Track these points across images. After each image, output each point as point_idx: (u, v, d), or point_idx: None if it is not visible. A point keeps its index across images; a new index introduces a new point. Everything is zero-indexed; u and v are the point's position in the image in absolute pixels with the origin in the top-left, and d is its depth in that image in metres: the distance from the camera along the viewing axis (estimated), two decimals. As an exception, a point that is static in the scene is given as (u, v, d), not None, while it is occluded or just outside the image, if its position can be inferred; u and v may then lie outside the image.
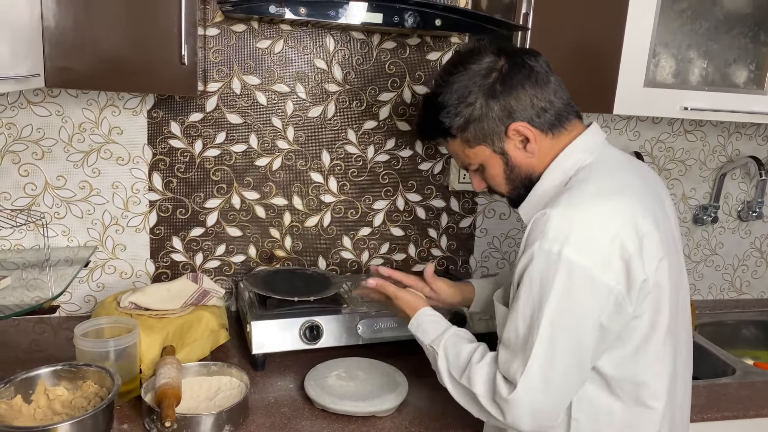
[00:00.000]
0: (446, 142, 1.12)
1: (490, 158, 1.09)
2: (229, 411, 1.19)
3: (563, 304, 0.93)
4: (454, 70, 1.06)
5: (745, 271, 2.10)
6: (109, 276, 1.65)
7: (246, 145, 1.65)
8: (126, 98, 1.55)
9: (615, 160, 1.07)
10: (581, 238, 0.93)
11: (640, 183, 1.04)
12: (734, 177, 2.00)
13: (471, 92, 1.04)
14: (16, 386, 1.16)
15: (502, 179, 1.11)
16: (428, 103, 1.11)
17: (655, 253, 0.95)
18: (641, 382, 1.00)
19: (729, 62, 1.63)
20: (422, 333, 1.15)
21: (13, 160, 1.53)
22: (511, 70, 1.04)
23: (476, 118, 1.05)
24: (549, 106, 1.05)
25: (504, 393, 0.98)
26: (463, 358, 1.07)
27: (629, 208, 0.96)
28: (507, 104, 1.03)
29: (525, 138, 1.05)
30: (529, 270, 0.96)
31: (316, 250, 1.77)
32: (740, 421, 1.41)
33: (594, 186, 0.99)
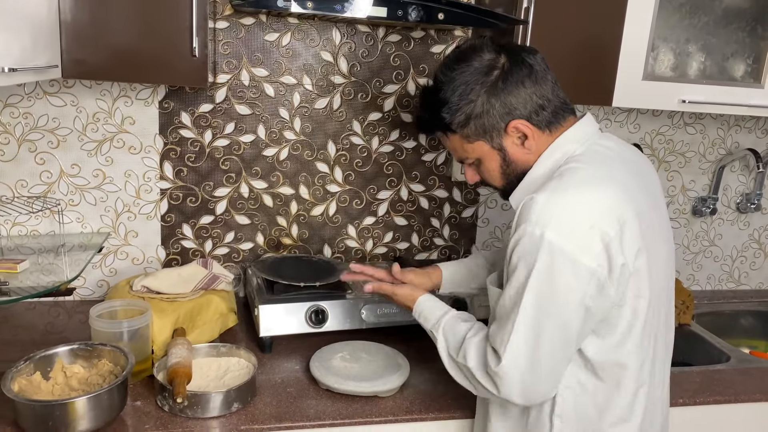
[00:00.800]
0: (445, 136, 1.15)
1: (488, 153, 1.12)
2: (237, 389, 1.25)
3: (544, 285, 0.98)
4: (456, 66, 1.08)
5: (743, 262, 2.13)
6: (122, 261, 1.70)
7: (254, 136, 1.69)
8: (138, 89, 1.60)
9: (606, 151, 1.09)
10: (563, 222, 0.97)
11: (629, 174, 1.08)
12: (733, 169, 2.03)
13: (473, 89, 1.06)
14: (35, 364, 1.22)
15: (497, 173, 1.14)
16: (429, 99, 1.13)
17: (634, 242, 0.99)
18: (623, 365, 1.05)
19: (727, 56, 1.66)
20: (424, 320, 1.21)
21: (29, 148, 1.58)
22: (512, 68, 1.06)
23: (477, 114, 1.07)
24: (547, 104, 1.08)
25: (493, 365, 1.03)
26: (459, 336, 1.12)
27: (612, 197, 1.00)
28: (507, 102, 1.06)
29: (523, 135, 1.08)
30: (516, 251, 1.01)
31: (322, 238, 1.82)
32: (731, 405, 1.45)
33: (581, 174, 1.03)
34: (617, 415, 1.07)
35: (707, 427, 1.46)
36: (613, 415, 1.07)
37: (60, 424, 1.11)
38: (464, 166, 1.19)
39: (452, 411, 1.30)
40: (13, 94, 1.54)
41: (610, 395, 1.06)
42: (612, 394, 1.06)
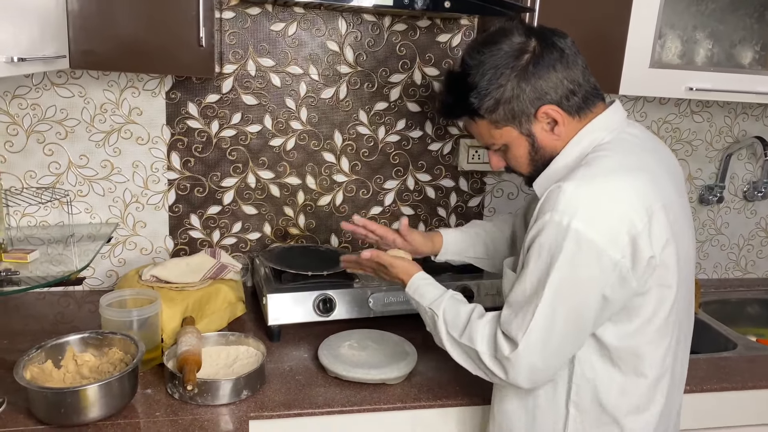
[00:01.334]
0: (472, 122, 1.11)
1: (516, 139, 1.09)
2: (246, 377, 1.26)
3: (568, 274, 0.97)
4: (485, 49, 1.05)
5: (750, 251, 2.13)
6: (130, 252, 1.72)
7: (261, 126, 1.70)
8: (145, 80, 1.61)
9: (634, 139, 1.08)
10: (591, 212, 0.96)
11: (655, 163, 1.06)
12: (740, 157, 2.03)
13: (503, 74, 1.03)
14: (46, 352, 1.23)
15: (525, 160, 1.12)
16: (456, 83, 1.09)
17: (662, 233, 0.99)
18: (641, 354, 1.05)
19: (734, 43, 1.65)
20: (419, 296, 1.19)
21: (38, 139, 1.59)
22: (543, 52, 1.03)
23: (507, 99, 1.04)
24: (578, 89, 1.05)
25: (506, 351, 1.03)
26: (462, 317, 1.11)
27: (641, 187, 0.99)
28: (538, 86, 1.03)
29: (553, 120, 1.06)
30: (539, 239, 0.99)
31: (329, 228, 1.82)
32: (738, 392, 1.45)
33: (609, 163, 1.01)
34: (634, 404, 1.07)
35: (714, 413, 1.47)
36: (630, 404, 1.07)
37: (72, 411, 1.12)
38: (489, 152, 1.17)
39: (460, 398, 1.31)
40: (21, 86, 1.55)
41: (626, 384, 1.06)
42: (629, 383, 1.06)
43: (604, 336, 1.04)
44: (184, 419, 1.19)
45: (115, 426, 1.16)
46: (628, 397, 1.07)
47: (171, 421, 1.19)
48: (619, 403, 1.07)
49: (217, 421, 1.20)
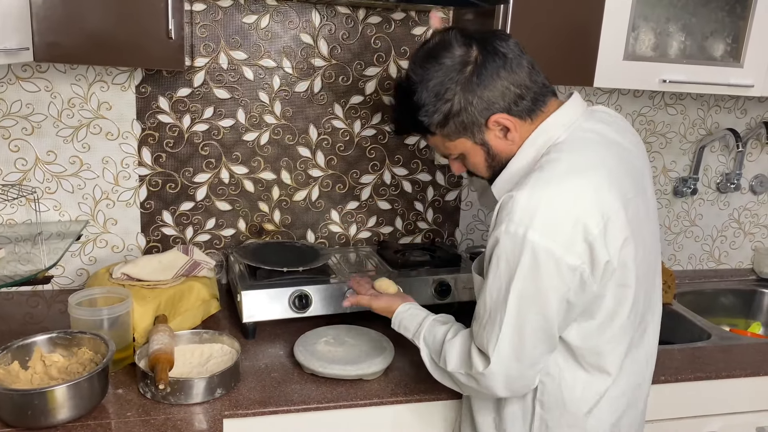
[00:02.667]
0: (425, 137, 1.12)
1: (472, 149, 1.09)
2: (220, 375, 1.24)
3: (529, 284, 0.97)
4: (428, 65, 1.04)
5: (723, 242, 2.16)
6: (101, 250, 1.68)
7: (234, 120, 1.67)
8: (114, 73, 1.57)
9: (591, 135, 1.06)
10: (545, 220, 0.95)
11: (613, 158, 1.04)
12: (713, 150, 2.05)
13: (448, 89, 1.03)
14: (12, 353, 1.20)
15: (483, 166, 1.12)
16: (404, 102, 1.09)
17: (619, 233, 0.98)
18: (602, 351, 1.06)
19: (707, 35, 1.66)
20: (404, 330, 1.22)
21: (3, 135, 1.55)
22: (485, 61, 1.02)
23: (455, 113, 1.04)
24: (525, 92, 1.04)
25: (480, 367, 1.04)
26: (438, 340, 1.13)
27: (595, 188, 0.98)
28: (485, 96, 1.03)
29: (505, 128, 1.05)
30: (496, 251, 0.99)
31: (305, 223, 1.80)
32: (713, 381, 1.46)
33: (562, 166, 1.00)
34: (597, 402, 1.08)
35: (689, 403, 1.48)
36: (593, 402, 1.08)
37: (39, 413, 1.09)
38: (449, 159, 1.16)
39: (437, 393, 1.31)
40: (-16, 80, 1.51)
41: (590, 382, 1.07)
42: (593, 381, 1.07)
43: (567, 336, 1.05)
44: (156, 419, 1.17)
45: (85, 427, 1.13)
46: (591, 394, 1.08)
47: (143, 421, 1.16)
48: (582, 401, 1.08)
49: (190, 420, 1.17)
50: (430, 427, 1.34)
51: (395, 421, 1.31)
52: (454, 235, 1.93)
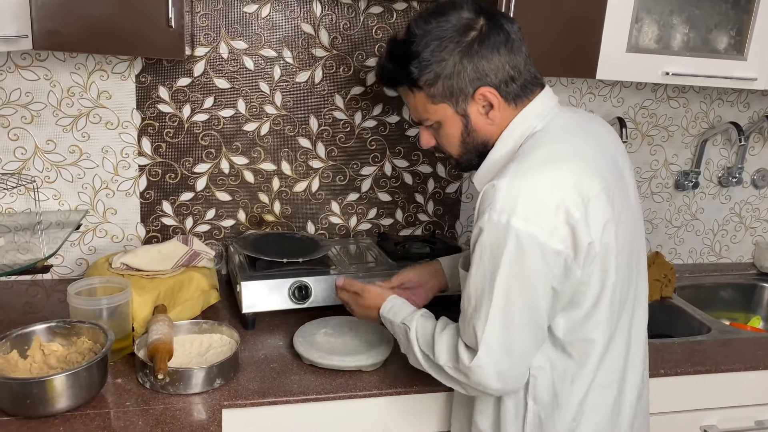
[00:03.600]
0: (409, 92, 1.09)
1: (451, 118, 1.08)
2: (219, 365, 1.23)
3: (515, 271, 0.97)
4: (433, 19, 1.03)
5: (724, 236, 2.15)
6: (101, 239, 1.68)
7: (234, 110, 1.66)
8: (114, 62, 1.56)
9: (566, 123, 1.08)
10: (528, 207, 0.95)
11: (590, 146, 1.06)
12: (715, 143, 2.04)
13: (446, 47, 1.02)
14: (11, 342, 1.20)
15: (457, 141, 1.10)
16: (398, 50, 1.07)
17: (600, 216, 0.98)
18: (590, 339, 1.05)
19: (710, 28, 1.65)
20: (393, 314, 1.18)
21: (2, 124, 1.54)
22: (490, 32, 1.02)
23: (447, 74, 1.03)
24: (518, 76, 1.04)
25: (466, 361, 1.02)
26: (428, 332, 1.12)
27: (574, 173, 0.98)
28: (480, 66, 1.02)
29: (489, 104, 1.05)
30: (480, 241, 0.98)
31: (305, 214, 1.80)
32: (712, 375, 1.46)
33: (541, 153, 1.01)
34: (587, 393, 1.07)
35: (689, 396, 1.48)
36: (583, 392, 1.07)
37: (38, 402, 1.09)
38: (421, 128, 1.14)
39: (435, 384, 1.29)
40: (-17, 68, 1.50)
41: (578, 371, 1.06)
42: (581, 371, 1.06)
43: (556, 328, 1.05)
44: (155, 408, 1.17)
45: (84, 416, 1.13)
46: (582, 385, 1.07)
47: (142, 410, 1.16)
48: (573, 394, 1.07)
49: (189, 410, 1.17)
50: (429, 418, 1.34)
51: (394, 413, 1.31)
52: (455, 228, 1.92)
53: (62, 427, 1.10)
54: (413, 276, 1.35)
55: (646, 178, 2.01)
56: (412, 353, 1.14)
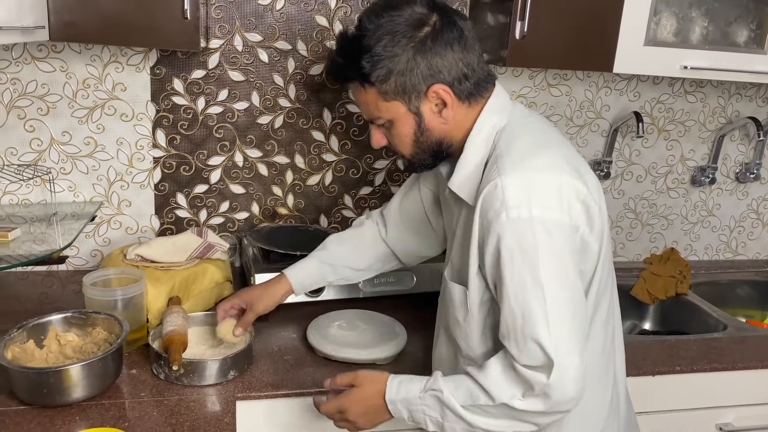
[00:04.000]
0: (360, 89, 1.04)
1: (403, 116, 1.04)
2: (233, 357, 1.24)
3: (554, 261, 0.93)
4: (385, 13, 0.99)
5: (741, 233, 2.13)
6: (115, 231, 1.68)
7: (248, 103, 1.66)
8: (129, 54, 1.56)
9: (524, 114, 1.08)
10: (541, 194, 0.93)
11: (549, 127, 1.10)
12: (733, 138, 2.01)
13: (399, 42, 0.98)
14: (28, 332, 1.21)
15: (409, 140, 1.06)
16: (349, 44, 1.03)
17: (595, 182, 1.02)
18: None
19: (730, 21, 1.63)
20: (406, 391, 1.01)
21: (18, 115, 1.55)
22: (443, 28, 0.99)
23: (400, 70, 0.99)
24: (471, 74, 1.02)
25: (544, 378, 0.91)
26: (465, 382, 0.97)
27: (562, 154, 1.01)
28: (433, 63, 0.99)
29: (443, 102, 1.02)
30: (504, 245, 0.93)
31: (318, 208, 1.80)
32: (729, 372, 1.45)
33: (524, 143, 1.00)
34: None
35: (704, 393, 1.47)
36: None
37: (55, 391, 1.10)
38: (372, 127, 1.09)
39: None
40: (0, 59, 1.50)
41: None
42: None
43: None
44: (169, 399, 1.17)
45: (99, 406, 1.14)
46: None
47: (156, 401, 1.17)
48: None
49: (203, 401, 1.18)
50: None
51: (407, 406, 1.30)
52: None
53: (78, 417, 1.11)
54: (254, 294, 1.33)
55: (662, 174, 1.99)
56: (453, 418, 0.97)
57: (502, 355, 0.97)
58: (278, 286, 1.34)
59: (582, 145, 1.90)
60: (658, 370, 1.40)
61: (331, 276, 1.35)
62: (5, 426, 1.07)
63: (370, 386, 1.04)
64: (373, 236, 1.36)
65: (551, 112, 1.84)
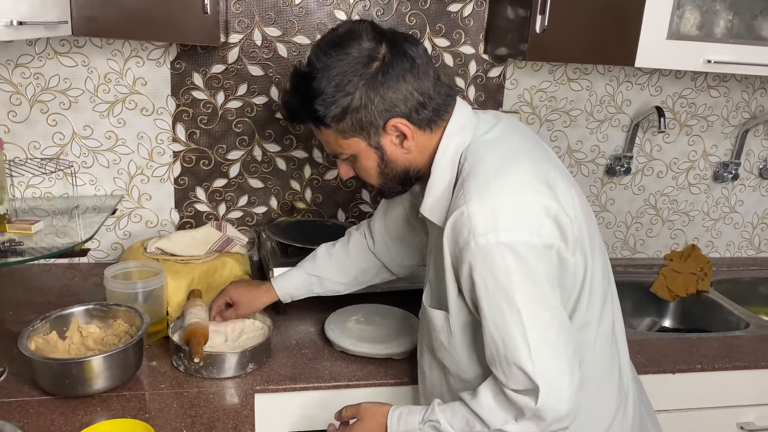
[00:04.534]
0: (317, 129, 1.04)
1: (365, 151, 1.03)
2: (252, 350, 1.25)
3: (528, 285, 0.91)
4: (333, 52, 0.97)
5: (764, 229, 2.09)
6: (136, 224, 1.70)
7: (267, 98, 1.67)
8: (149, 49, 1.57)
9: (490, 126, 1.05)
10: (507, 217, 0.91)
11: (521, 137, 1.05)
12: (757, 134, 1.98)
13: (350, 81, 0.96)
14: (51, 323, 1.22)
15: (374, 172, 1.06)
16: (300, 86, 1.01)
17: (566, 191, 0.98)
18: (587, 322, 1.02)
19: (755, 14, 1.60)
20: (406, 423, 1.02)
21: (41, 109, 1.57)
22: (393, 60, 0.97)
23: (354, 108, 0.98)
24: (428, 102, 1.00)
25: (532, 404, 0.91)
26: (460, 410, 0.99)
27: (530, 166, 0.97)
28: (387, 97, 0.98)
29: (402, 134, 1.01)
30: (477, 273, 0.92)
31: (336, 202, 1.80)
32: (751, 371, 1.43)
33: (488, 163, 0.97)
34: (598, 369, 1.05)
35: (725, 392, 1.45)
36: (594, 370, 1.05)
37: (77, 382, 1.12)
38: (338, 160, 1.09)
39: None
40: (23, 54, 1.52)
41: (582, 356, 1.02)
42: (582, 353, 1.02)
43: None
44: (189, 392, 1.18)
45: (120, 397, 1.15)
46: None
47: (176, 393, 1.18)
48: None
49: (222, 394, 1.19)
50: (460, 408, 1.33)
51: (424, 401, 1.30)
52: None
53: (99, 407, 1.12)
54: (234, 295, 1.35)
55: (684, 169, 1.96)
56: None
57: (492, 381, 0.97)
58: (264, 296, 1.35)
59: (602, 140, 1.88)
60: (679, 368, 1.39)
61: (318, 288, 1.35)
62: (28, 415, 1.09)
63: (372, 419, 1.06)
64: (359, 248, 1.35)
65: (571, 106, 1.83)
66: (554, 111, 1.82)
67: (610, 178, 1.93)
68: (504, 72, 1.76)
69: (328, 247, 1.37)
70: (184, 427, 1.09)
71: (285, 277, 1.36)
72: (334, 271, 1.34)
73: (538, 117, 1.82)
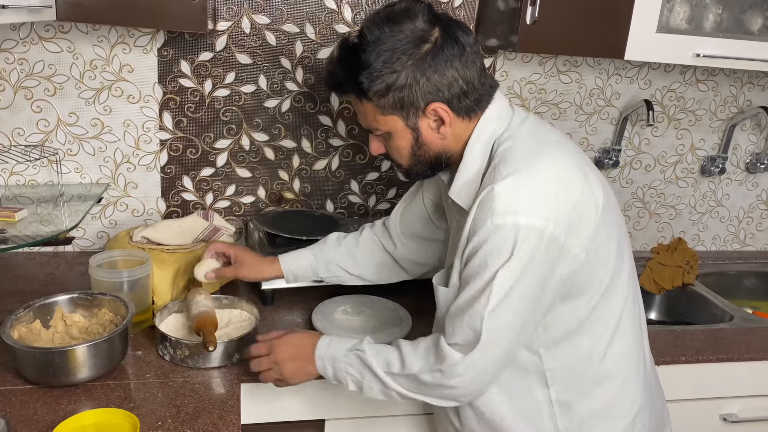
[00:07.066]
0: (358, 101, 1.04)
1: (401, 130, 1.04)
2: (238, 341, 1.24)
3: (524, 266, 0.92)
4: (386, 27, 0.97)
5: (749, 223, 2.11)
6: (122, 213, 1.69)
7: (255, 86, 1.65)
8: (136, 35, 1.55)
9: (523, 119, 1.06)
10: (530, 201, 0.93)
11: (550, 128, 1.08)
12: (744, 128, 1.99)
13: (399, 59, 0.97)
14: (34, 312, 1.21)
15: (407, 153, 1.07)
16: (348, 56, 1.02)
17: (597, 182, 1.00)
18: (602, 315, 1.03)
19: (744, 8, 1.60)
20: (334, 349, 1.07)
21: (25, 95, 1.55)
22: (444, 45, 0.98)
23: (399, 87, 0.98)
24: (471, 91, 1.01)
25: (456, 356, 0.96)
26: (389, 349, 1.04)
27: (562, 157, 0.99)
28: (433, 80, 0.98)
29: (440, 119, 1.02)
30: (484, 248, 0.94)
31: (324, 193, 1.79)
32: (734, 363, 1.44)
33: (522, 150, 0.99)
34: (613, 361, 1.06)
35: (709, 384, 1.47)
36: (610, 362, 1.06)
37: (61, 371, 1.11)
38: (371, 135, 1.10)
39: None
40: (7, 39, 1.50)
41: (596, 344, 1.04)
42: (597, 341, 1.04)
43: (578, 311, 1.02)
44: (174, 381, 1.18)
45: (105, 387, 1.14)
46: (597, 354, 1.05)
47: (161, 383, 1.17)
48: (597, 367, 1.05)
49: (208, 383, 1.18)
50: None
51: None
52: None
53: (84, 397, 1.11)
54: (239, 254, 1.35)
55: (671, 163, 1.97)
56: (370, 377, 1.04)
57: (434, 335, 1.02)
58: (269, 267, 1.35)
59: (591, 133, 1.88)
60: (663, 360, 1.40)
61: (324, 272, 1.35)
62: (11, 405, 1.08)
63: (304, 334, 1.12)
64: (369, 245, 1.35)
65: (560, 99, 1.83)
66: (543, 103, 1.82)
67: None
68: (494, 64, 1.75)
69: (340, 235, 1.38)
70: (169, 416, 1.08)
71: (291, 255, 1.36)
72: (342, 258, 1.34)
73: (527, 109, 1.82)
